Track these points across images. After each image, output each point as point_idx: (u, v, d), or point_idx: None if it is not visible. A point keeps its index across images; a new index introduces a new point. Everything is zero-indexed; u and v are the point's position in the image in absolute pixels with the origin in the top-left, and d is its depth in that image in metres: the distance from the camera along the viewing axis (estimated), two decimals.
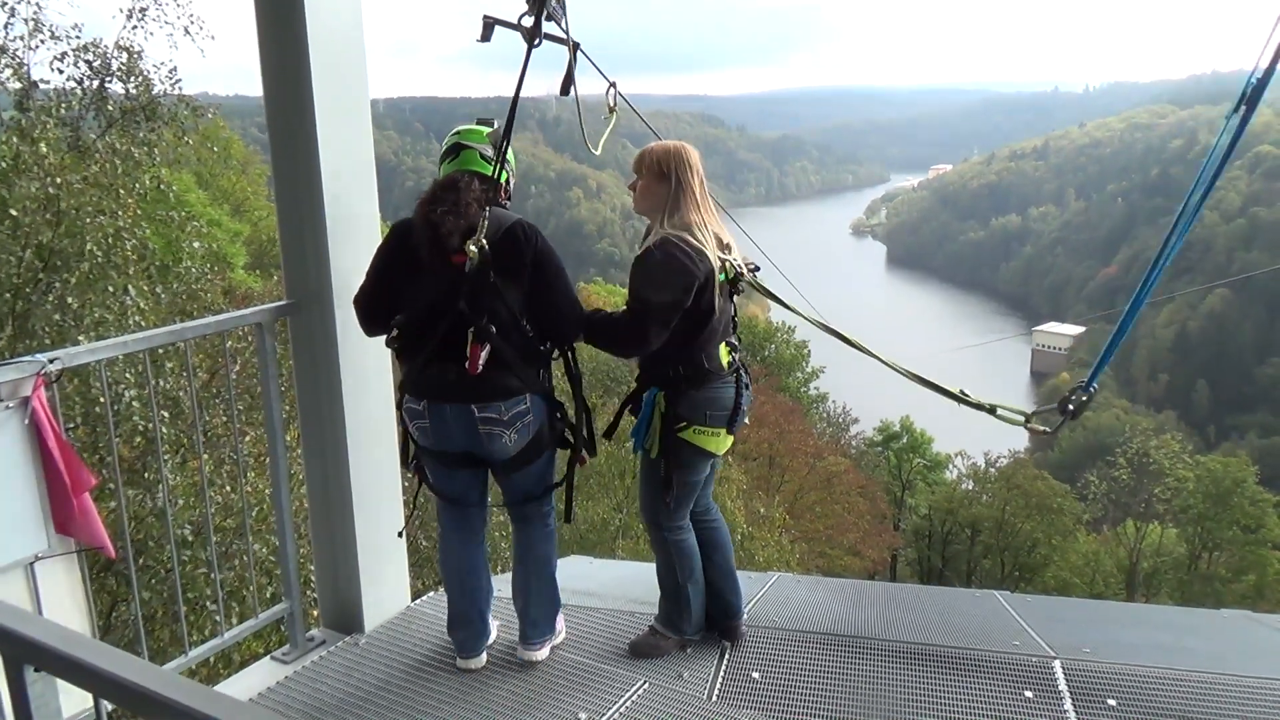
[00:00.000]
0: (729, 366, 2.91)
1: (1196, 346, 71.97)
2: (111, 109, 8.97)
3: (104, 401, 5.13)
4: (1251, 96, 2.47)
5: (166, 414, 7.24)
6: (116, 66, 8.99)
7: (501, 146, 2.72)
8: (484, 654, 3.00)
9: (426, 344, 2.65)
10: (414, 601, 3.43)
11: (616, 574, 5.01)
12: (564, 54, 2.74)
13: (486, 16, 2.65)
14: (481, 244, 2.55)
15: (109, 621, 7.15)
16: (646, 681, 2.84)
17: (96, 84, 8.94)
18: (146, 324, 7.42)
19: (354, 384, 3.02)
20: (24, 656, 1.03)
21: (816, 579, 4.65)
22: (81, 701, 1.95)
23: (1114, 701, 2.86)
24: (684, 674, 3.01)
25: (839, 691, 2.93)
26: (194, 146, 12.22)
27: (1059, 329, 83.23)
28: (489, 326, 2.60)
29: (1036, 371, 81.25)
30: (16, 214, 7.20)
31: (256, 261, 21.74)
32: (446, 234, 2.55)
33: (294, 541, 3.16)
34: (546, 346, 2.78)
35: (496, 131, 2.79)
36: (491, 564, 3.35)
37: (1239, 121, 2.52)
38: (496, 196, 2.75)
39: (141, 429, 6.70)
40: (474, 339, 2.58)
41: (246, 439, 7.56)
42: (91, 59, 8.88)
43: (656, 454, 2.93)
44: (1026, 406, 3.03)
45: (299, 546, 3.86)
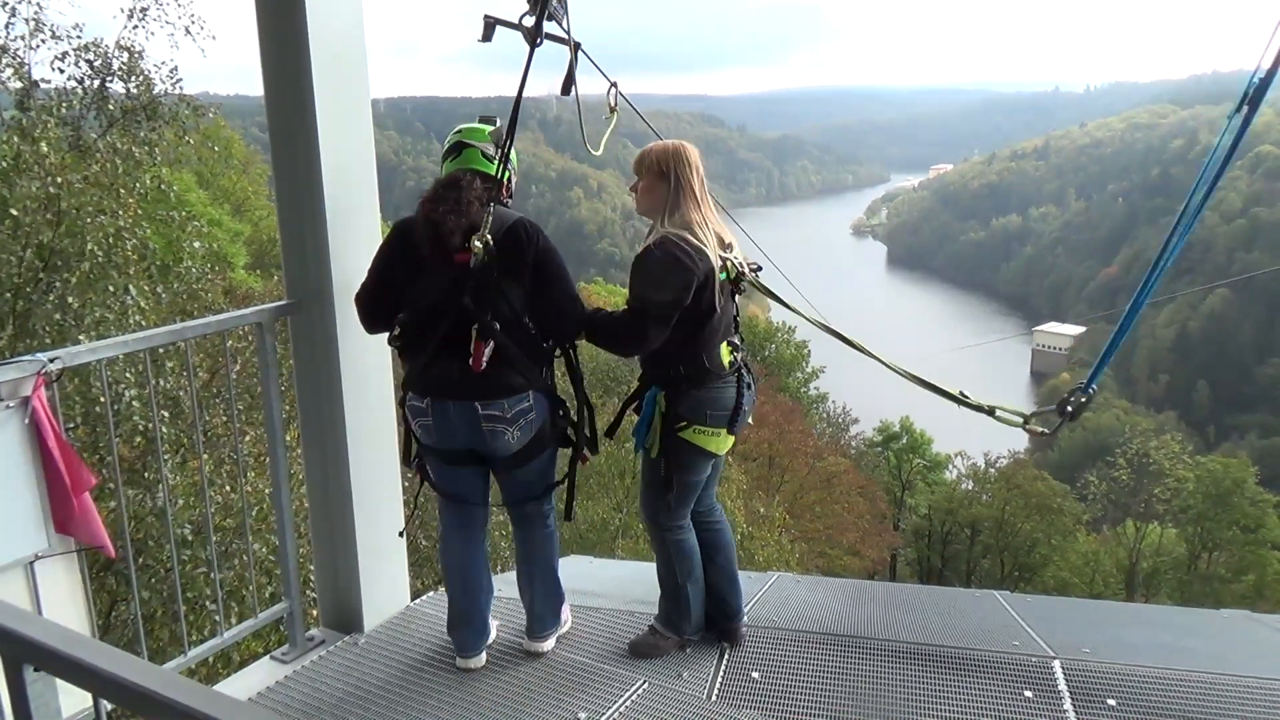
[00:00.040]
0: (730, 366, 2.91)
1: (1197, 347, 71.96)
2: (112, 108, 8.97)
3: (104, 401, 5.13)
4: (1254, 97, 2.47)
5: (167, 414, 7.25)
6: (117, 66, 8.99)
7: (505, 146, 2.73)
8: (484, 653, 3.00)
9: (429, 342, 2.66)
10: (414, 601, 3.43)
11: (616, 574, 5.01)
12: (564, 54, 2.74)
13: (487, 16, 2.65)
14: (486, 239, 2.55)
15: (109, 621, 7.15)
16: (646, 681, 2.84)
17: (97, 83, 8.94)
18: (147, 323, 7.42)
19: (354, 384, 3.02)
20: (24, 656, 1.02)
21: (816, 579, 4.65)
22: (81, 701, 1.96)
23: (1114, 701, 2.85)
24: (684, 674, 3.01)
25: (839, 691, 2.93)
26: (195, 146, 12.22)
27: (1059, 329, 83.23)
28: (493, 323, 2.61)
29: (1037, 372, 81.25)
30: (17, 213, 7.21)
31: (257, 261, 21.75)
32: (449, 233, 2.56)
33: (294, 541, 3.16)
34: (549, 344, 2.79)
35: (499, 130, 2.80)
36: (491, 564, 3.35)
37: (1241, 122, 2.51)
38: (499, 195, 2.75)
39: (142, 428, 6.70)
40: (478, 336, 2.59)
41: (246, 438, 7.56)
42: (92, 58, 8.89)
43: (657, 453, 2.93)
44: (1026, 407, 3.02)
45: (299, 546, 3.87)
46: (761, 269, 3.09)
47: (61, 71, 8.75)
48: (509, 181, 2.86)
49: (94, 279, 7.40)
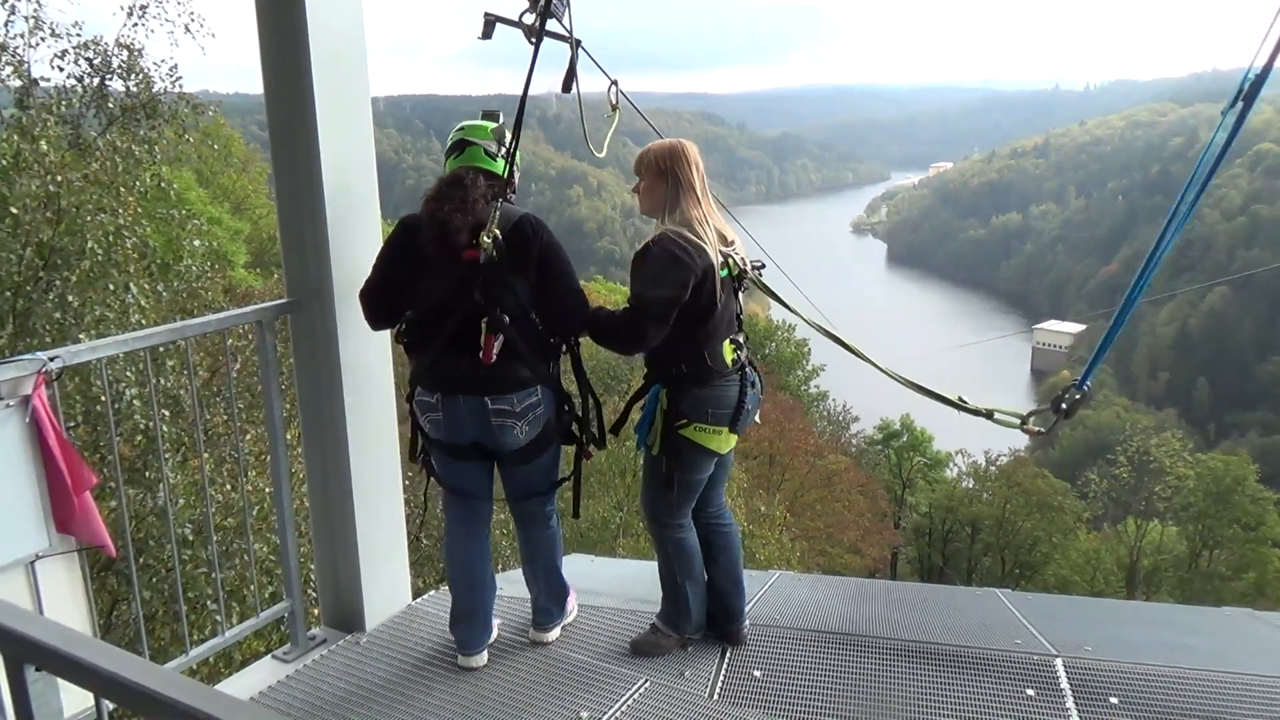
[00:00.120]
0: (733, 365, 2.90)
1: (1197, 344, 71.89)
2: (112, 107, 8.95)
3: (105, 400, 5.14)
4: (1249, 92, 2.47)
5: (167, 412, 7.25)
6: (117, 64, 8.98)
7: (512, 146, 2.73)
8: (485, 652, 3.00)
9: (436, 338, 2.67)
10: (415, 600, 3.43)
11: (618, 572, 5.00)
12: (564, 52, 2.73)
13: (488, 14, 2.65)
14: (496, 235, 2.57)
15: (109, 620, 7.15)
16: (648, 680, 2.84)
17: (97, 81, 8.93)
18: (147, 322, 7.42)
19: (355, 382, 3.02)
20: (25, 656, 1.02)
21: (817, 577, 4.65)
22: (82, 701, 1.96)
23: (1116, 699, 2.85)
24: (685, 672, 3.01)
25: (841, 690, 2.93)
26: (194, 144, 12.20)
27: (1059, 327, 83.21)
28: (503, 317, 2.62)
29: (1037, 369, 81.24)
30: (17, 212, 7.20)
31: (257, 259, 21.75)
32: (455, 231, 2.58)
33: (295, 540, 3.16)
34: (555, 339, 2.80)
35: (501, 127, 2.80)
36: (492, 562, 3.35)
37: (1236, 117, 2.51)
38: (504, 191, 2.76)
39: (142, 427, 6.70)
40: (488, 329, 2.60)
41: (247, 437, 7.57)
42: (92, 56, 8.87)
43: (658, 451, 2.92)
44: (1026, 404, 3.04)
45: (300, 545, 3.87)
46: (764, 266, 3.08)
47: (61, 69, 8.75)
48: (511, 177, 2.86)
49: (94, 277, 7.40)
